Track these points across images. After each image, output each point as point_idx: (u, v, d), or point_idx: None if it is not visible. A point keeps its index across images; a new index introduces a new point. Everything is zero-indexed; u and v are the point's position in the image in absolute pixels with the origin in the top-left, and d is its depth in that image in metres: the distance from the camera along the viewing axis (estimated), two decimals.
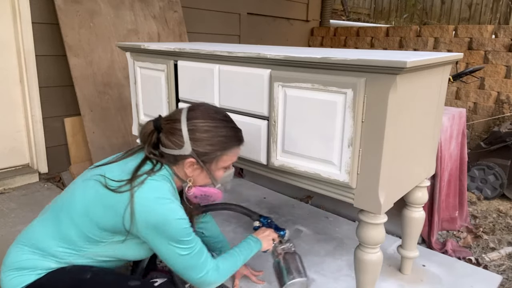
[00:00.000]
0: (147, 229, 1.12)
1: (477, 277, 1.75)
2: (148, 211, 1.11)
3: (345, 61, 1.17)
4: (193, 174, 1.24)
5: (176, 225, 1.13)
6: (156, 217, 1.11)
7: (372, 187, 1.21)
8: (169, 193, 1.16)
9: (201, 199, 1.29)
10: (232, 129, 1.26)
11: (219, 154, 1.22)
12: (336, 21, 5.25)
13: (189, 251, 1.17)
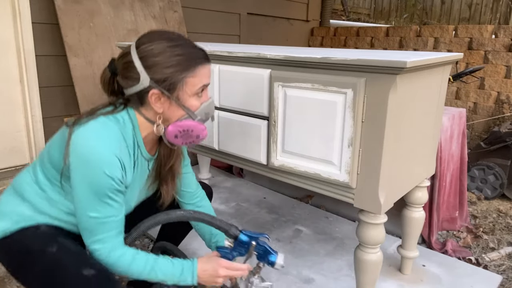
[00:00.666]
0: (73, 163, 1.01)
1: (477, 277, 1.75)
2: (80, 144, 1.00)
3: (345, 61, 1.17)
4: (163, 109, 1.09)
5: (100, 176, 0.99)
6: (83, 152, 1.00)
7: (372, 187, 1.21)
8: (113, 139, 1.04)
9: (184, 138, 1.12)
10: (190, 46, 1.09)
11: (183, 77, 1.06)
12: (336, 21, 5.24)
13: (97, 215, 1.03)
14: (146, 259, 1.10)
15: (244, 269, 1.16)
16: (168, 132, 1.10)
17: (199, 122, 1.13)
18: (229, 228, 1.14)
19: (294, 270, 1.77)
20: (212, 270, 1.13)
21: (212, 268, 1.13)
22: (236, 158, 1.61)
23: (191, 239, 1.98)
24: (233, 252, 1.15)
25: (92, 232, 1.05)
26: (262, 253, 1.15)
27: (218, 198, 2.50)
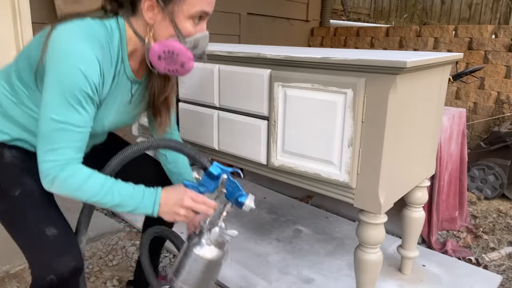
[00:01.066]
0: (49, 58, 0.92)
1: (477, 277, 1.75)
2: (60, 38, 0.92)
3: (345, 61, 1.17)
4: (154, 22, 1.00)
5: (74, 73, 0.90)
6: (61, 46, 0.91)
7: (372, 187, 1.21)
8: (96, 41, 0.95)
9: (167, 63, 1.01)
10: None
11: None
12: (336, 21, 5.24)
13: (60, 118, 0.92)
14: (104, 178, 0.98)
15: (210, 205, 1.05)
16: (152, 50, 1.00)
17: (188, 49, 1.01)
18: (199, 157, 1.02)
19: (294, 270, 1.77)
20: (177, 199, 1.01)
21: (177, 197, 1.02)
22: (236, 158, 1.61)
23: None
24: (200, 188, 1.04)
25: (50, 139, 0.93)
26: (231, 191, 1.04)
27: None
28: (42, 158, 0.94)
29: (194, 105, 1.69)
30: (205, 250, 1.01)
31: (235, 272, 1.74)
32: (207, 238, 1.03)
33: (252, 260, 1.83)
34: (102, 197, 0.97)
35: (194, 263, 1.01)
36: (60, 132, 0.93)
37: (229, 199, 1.05)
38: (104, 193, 0.97)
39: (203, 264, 1.02)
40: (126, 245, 2.00)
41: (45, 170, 0.94)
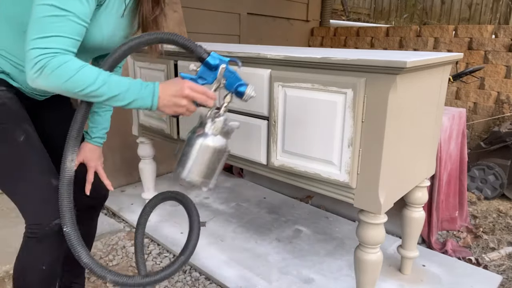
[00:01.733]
0: None
1: (477, 277, 1.75)
2: None
3: (345, 61, 1.17)
4: None
5: None
6: None
7: (372, 187, 1.21)
8: None
9: None
10: None
11: None
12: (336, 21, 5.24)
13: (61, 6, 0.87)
14: (99, 70, 0.93)
15: (210, 95, 1.00)
16: None
17: None
18: (196, 47, 0.97)
19: (294, 270, 1.77)
20: (176, 89, 0.97)
21: (176, 87, 0.98)
22: (236, 158, 1.61)
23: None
24: (199, 80, 1.00)
25: (45, 27, 0.87)
26: (231, 81, 1.00)
27: (218, 198, 2.50)
28: (32, 45, 0.87)
29: None
30: (210, 139, 1.00)
31: (235, 272, 1.74)
32: (211, 127, 1.01)
33: (252, 260, 1.83)
34: (97, 88, 0.91)
35: (200, 152, 1.00)
36: (59, 20, 0.87)
37: (229, 89, 1.02)
38: (99, 84, 0.91)
39: (210, 152, 1.00)
40: (126, 245, 2.00)
41: (34, 57, 0.87)
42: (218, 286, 1.69)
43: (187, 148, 1.01)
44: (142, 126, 2.09)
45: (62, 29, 0.88)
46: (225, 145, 1.02)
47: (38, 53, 0.87)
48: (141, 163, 2.19)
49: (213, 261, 1.82)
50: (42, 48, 0.87)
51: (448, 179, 2.14)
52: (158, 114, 1.14)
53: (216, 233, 2.06)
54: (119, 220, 2.24)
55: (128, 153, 2.60)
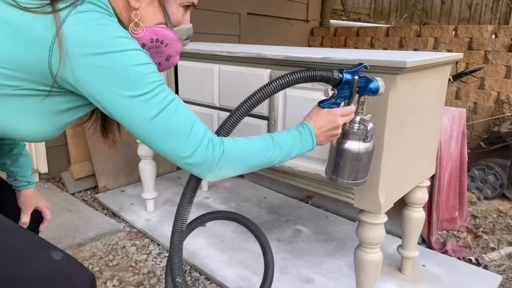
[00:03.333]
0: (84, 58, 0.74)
1: (477, 277, 1.75)
2: (86, 30, 0.74)
3: (345, 61, 1.17)
4: (140, 5, 0.86)
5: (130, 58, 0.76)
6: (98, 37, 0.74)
7: (372, 187, 1.21)
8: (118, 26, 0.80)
9: (152, 52, 0.90)
10: None
11: None
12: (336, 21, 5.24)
13: (169, 97, 0.80)
14: (258, 136, 0.93)
15: (354, 109, 1.02)
16: (138, 33, 0.87)
17: (179, 40, 0.92)
18: (332, 74, 0.96)
19: (294, 270, 1.77)
20: (329, 123, 0.98)
21: (328, 121, 0.98)
22: None
23: (192, 239, 1.98)
24: (337, 100, 1.01)
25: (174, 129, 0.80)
26: (364, 85, 1.01)
27: (218, 198, 2.50)
28: (186, 153, 0.82)
29: (194, 105, 1.69)
30: (362, 145, 1.04)
31: (235, 272, 1.74)
32: (360, 136, 1.04)
33: (252, 260, 1.83)
34: (273, 153, 0.92)
35: (357, 160, 1.05)
36: (178, 111, 0.81)
37: (361, 94, 1.03)
38: (272, 147, 0.92)
39: (367, 157, 1.06)
40: (126, 245, 2.00)
41: (201, 161, 0.83)
42: (218, 286, 1.69)
43: (340, 159, 1.06)
44: None
45: (187, 115, 0.83)
46: (373, 143, 1.08)
47: (199, 155, 0.83)
48: (141, 163, 2.19)
49: (213, 261, 1.82)
50: (195, 146, 0.82)
51: (448, 179, 2.14)
52: None
53: (216, 233, 2.06)
54: (119, 220, 2.24)
55: (128, 153, 2.60)
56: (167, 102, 0.80)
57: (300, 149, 0.96)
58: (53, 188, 2.51)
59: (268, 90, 0.95)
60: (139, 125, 0.79)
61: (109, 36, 0.75)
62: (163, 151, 0.83)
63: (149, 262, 1.86)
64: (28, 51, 0.74)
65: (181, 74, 1.72)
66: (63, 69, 0.75)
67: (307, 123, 0.99)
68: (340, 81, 0.98)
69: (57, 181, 2.64)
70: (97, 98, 0.77)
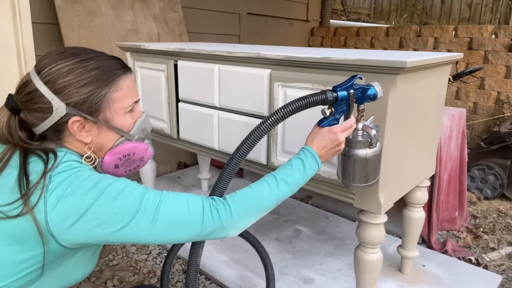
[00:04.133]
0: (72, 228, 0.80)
1: (477, 277, 1.75)
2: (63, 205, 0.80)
3: (345, 61, 1.17)
4: (92, 137, 0.91)
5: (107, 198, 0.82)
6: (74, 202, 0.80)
7: (372, 187, 1.21)
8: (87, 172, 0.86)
9: (126, 166, 0.97)
10: (104, 57, 0.92)
11: (105, 93, 0.89)
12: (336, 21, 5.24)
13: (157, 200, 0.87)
14: (261, 180, 0.99)
15: (354, 121, 1.05)
16: (105, 164, 0.93)
17: (139, 141, 0.99)
18: (325, 95, 0.98)
19: (294, 270, 1.77)
20: (331, 142, 1.02)
21: (329, 140, 1.02)
22: None
23: None
24: (336, 116, 1.03)
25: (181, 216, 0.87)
26: (360, 95, 1.02)
27: None
28: (197, 231, 0.89)
29: (194, 105, 1.69)
30: (369, 151, 1.06)
31: (235, 272, 1.74)
32: (365, 143, 1.05)
33: (252, 260, 1.83)
34: (279, 190, 0.99)
35: (364, 165, 1.07)
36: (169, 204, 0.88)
37: (359, 103, 1.04)
38: (276, 186, 0.99)
39: (374, 160, 1.08)
40: (126, 245, 2.00)
41: (214, 228, 0.90)
42: (218, 286, 1.69)
43: (353, 165, 1.08)
44: None
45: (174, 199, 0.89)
46: (380, 145, 1.10)
47: (210, 223, 0.90)
48: None
49: (213, 261, 1.81)
50: (201, 220, 0.89)
51: (448, 179, 2.14)
52: None
53: None
54: None
55: None
56: (157, 204, 0.86)
57: (305, 175, 1.01)
58: None
59: (260, 132, 0.98)
60: (147, 236, 0.85)
61: (82, 193, 0.81)
62: (180, 241, 0.90)
63: (149, 262, 1.86)
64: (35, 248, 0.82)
65: (181, 74, 1.72)
66: (64, 243, 0.82)
67: (308, 147, 1.03)
68: (336, 100, 0.99)
69: None
70: (104, 241, 0.85)
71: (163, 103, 1.84)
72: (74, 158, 0.89)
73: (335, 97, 0.99)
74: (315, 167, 1.02)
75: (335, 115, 1.02)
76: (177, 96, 1.78)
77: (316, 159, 1.01)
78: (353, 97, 1.01)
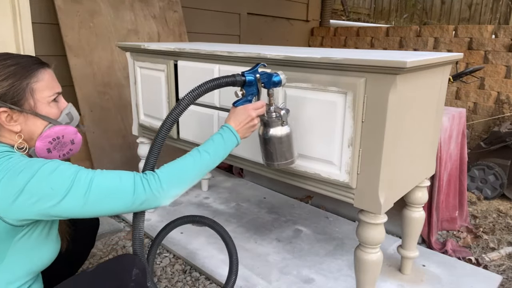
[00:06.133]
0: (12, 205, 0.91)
1: (477, 277, 1.75)
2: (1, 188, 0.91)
3: (345, 61, 1.17)
4: (20, 126, 1.02)
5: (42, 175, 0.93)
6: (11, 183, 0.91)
7: (372, 187, 1.21)
8: (19, 158, 0.96)
9: (59, 150, 1.07)
10: (22, 56, 1.05)
11: (27, 84, 1.00)
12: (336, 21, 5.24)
13: (85, 187, 0.96)
14: (185, 155, 1.11)
15: (263, 103, 1.21)
16: (38, 149, 1.03)
17: (66, 125, 1.08)
18: (234, 78, 1.16)
19: (294, 270, 1.77)
20: (245, 118, 1.18)
21: (244, 116, 1.18)
22: (236, 158, 1.61)
23: (192, 239, 1.99)
24: (248, 97, 1.21)
25: (113, 187, 0.98)
26: (267, 80, 1.20)
27: (218, 198, 2.50)
28: (130, 201, 1.00)
29: (194, 105, 1.69)
30: (282, 129, 1.22)
31: None
32: (278, 122, 1.21)
33: (252, 260, 1.83)
34: (202, 160, 1.10)
35: (279, 143, 1.23)
36: (101, 179, 0.98)
37: (268, 87, 1.21)
38: (199, 156, 1.11)
39: (287, 138, 1.23)
40: (126, 245, 2.00)
41: (146, 198, 1.02)
42: (218, 286, 1.69)
43: (268, 146, 1.24)
44: (142, 126, 2.09)
45: (106, 174, 1.00)
46: (290, 126, 1.25)
47: (142, 193, 1.01)
48: (141, 163, 2.19)
49: (213, 261, 1.82)
50: (134, 190, 1.00)
51: (448, 179, 2.14)
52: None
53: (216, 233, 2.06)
54: (119, 220, 2.24)
55: (128, 153, 2.60)
56: (90, 177, 0.97)
57: (226, 148, 1.16)
58: None
59: (178, 111, 1.12)
60: (84, 208, 0.96)
61: (17, 173, 0.91)
62: (115, 211, 1.01)
63: None
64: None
65: (181, 74, 1.72)
66: (10, 221, 0.93)
67: (226, 124, 1.19)
68: (245, 82, 1.18)
69: None
70: (47, 215, 0.95)
71: (163, 103, 1.84)
72: (5, 149, 0.99)
73: (243, 80, 1.17)
74: (234, 140, 1.17)
75: (247, 96, 1.20)
76: (177, 96, 1.78)
77: (234, 133, 1.17)
78: (260, 81, 1.19)
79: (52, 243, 1.09)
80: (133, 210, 1.04)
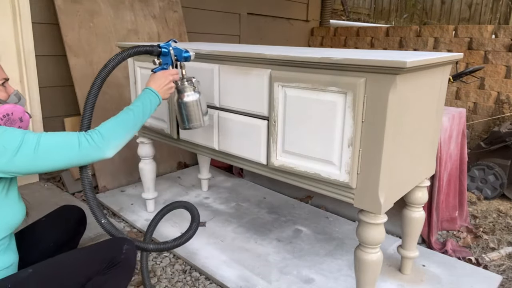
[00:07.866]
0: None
1: (477, 277, 1.75)
2: None
3: (345, 61, 1.17)
4: None
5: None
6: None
7: (372, 187, 1.21)
8: None
9: (9, 124, 1.21)
10: None
11: None
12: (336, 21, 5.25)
13: (34, 142, 1.10)
14: (119, 113, 1.27)
15: (177, 71, 1.44)
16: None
17: (15, 104, 1.22)
18: (152, 47, 1.39)
19: (294, 270, 1.77)
20: (163, 81, 1.38)
21: (162, 80, 1.38)
22: (236, 158, 1.61)
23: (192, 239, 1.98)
24: (164, 66, 1.43)
25: (60, 142, 1.13)
26: (178, 54, 1.43)
27: (218, 198, 2.50)
28: (76, 153, 1.15)
29: None
30: (194, 95, 1.46)
31: (235, 272, 1.74)
32: (192, 88, 1.45)
33: (252, 260, 1.83)
34: (133, 114, 1.28)
35: (192, 106, 1.46)
36: (49, 136, 1.12)
37: (180, 60, 1.44)
38: (132, 111, 1.28)
39: (198, 103, 1.46)
40: None
41: (90, 150, 1.16)
42: (218, 286, 1.69)
43: (182, 111, 1.47)
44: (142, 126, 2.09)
45: (53, 133, 1.15)
46: (200, 92, 1.48)
47: (86, 146, 1.16)
48: (141, 163, 2.19)
49: (213, 261, 1.82)
50: (79, 143, 1.15)
51: (448, 179, 2.14)
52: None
53: (216, 233, 2.06)
54: (119, 220, 2.24)
55: (128, 153, 2.60)
56: (38, 136, 1.11)
57: (151, 105, 1.34)
58: (53, 188, 2.51)
59: (105, 73, 1.30)
60: (34, 163, 1.10)
61: None
62: (66, 164, 1.15)
63: (149, 262, 1.86)
64: None
65: None
66: None
67: (148, 87, 1.38)
68: (160, 53, 1.41)
69: (57, 181, 2.64)
70: (2, 171, 1.08)
71: (163, 103, 1.84)
72: None
73: (159, 51, 1.41)
74: (157, 100, 1.36)
75: (163, 65, 1.43)
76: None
77: (156, 93, 1.36)
78: (173, 53, 1.42)
79: (14, 204, 1.19)
80: (81, 163, 1.19)
